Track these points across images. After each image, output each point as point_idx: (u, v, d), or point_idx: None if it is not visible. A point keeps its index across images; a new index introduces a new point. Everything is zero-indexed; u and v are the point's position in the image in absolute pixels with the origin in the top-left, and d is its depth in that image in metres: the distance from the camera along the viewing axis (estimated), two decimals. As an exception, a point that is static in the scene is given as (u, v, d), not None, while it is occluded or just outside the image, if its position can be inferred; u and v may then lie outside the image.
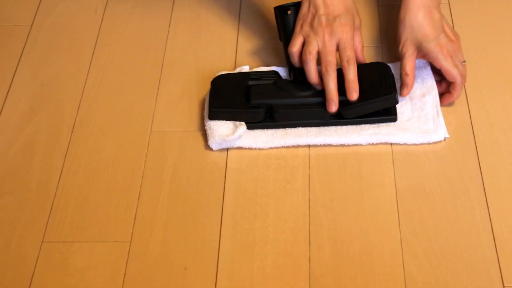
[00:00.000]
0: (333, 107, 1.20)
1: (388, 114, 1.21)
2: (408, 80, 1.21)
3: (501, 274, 1.06)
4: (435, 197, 1.14)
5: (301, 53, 1.23)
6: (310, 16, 1.23)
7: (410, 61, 1.22)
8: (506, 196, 1.14)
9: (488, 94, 1.27)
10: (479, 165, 1.17)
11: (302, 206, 1.14)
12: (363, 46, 1.27)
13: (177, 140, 1.24)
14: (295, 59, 1.24)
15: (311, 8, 1.24)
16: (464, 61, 1.23)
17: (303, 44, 1.23)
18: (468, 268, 1.07)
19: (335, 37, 1.21)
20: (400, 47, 1.23)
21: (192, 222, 1.14)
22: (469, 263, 1.07)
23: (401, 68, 1.22)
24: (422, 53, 1.22)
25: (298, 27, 1.24)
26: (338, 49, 1.22)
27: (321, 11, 1.22)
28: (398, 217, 1.12)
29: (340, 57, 1.22)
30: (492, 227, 1.10)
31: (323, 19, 1.22)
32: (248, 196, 1.16)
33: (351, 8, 1.25)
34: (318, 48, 1.21)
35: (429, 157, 1.19)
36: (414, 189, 1.15)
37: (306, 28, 1.23)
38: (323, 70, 1.20)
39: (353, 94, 1.20)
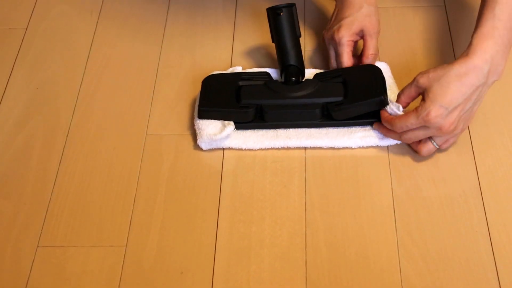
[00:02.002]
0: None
1: (378, 117, 1.21)
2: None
3: (498, 278, 1.06)
4: (432, 200, 1.14)
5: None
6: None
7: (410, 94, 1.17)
8: (503, 200, 1.14)
9: (484, 97, 1.26)
10: (476, 168, 1.17)
11: (299, 209, 1.14)
12: (375, 53, 1.28)
13: (173, 143, 1.23)
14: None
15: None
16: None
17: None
18: (465, 272, 1.06)
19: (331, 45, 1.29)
20: (418, 78, 1.14)
21: (188, 226, 1.13)
22: (466, 267, 1.07)
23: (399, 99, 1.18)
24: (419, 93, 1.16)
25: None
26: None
27: (331, 21, 1.31)
28: (395, 220, 1.12)
29: None
30: (489, 230, 1.10)
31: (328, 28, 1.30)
32: (244, 199, 1.16)
33: (358, 16, 1.27)
34: None
35: (426, 160, 1.18)
36: (411, 193, 1.15)
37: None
38: None
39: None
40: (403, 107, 1.17)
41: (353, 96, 1.20)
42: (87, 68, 1.36)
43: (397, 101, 1.18)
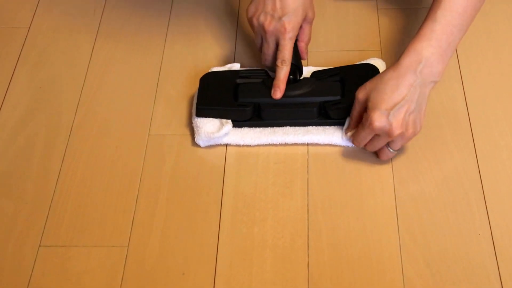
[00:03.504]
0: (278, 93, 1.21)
1: None
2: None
3: (500, 280, 1.06)
4: (434, 202, 1.14)
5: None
6: (259, 11, 1.23)
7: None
8: (506, 202, 1.14)
9: (487, 98, 1.26)
10: (479, 170, 1.17)
11: (301, 210, 1.14)
12: (309, 40, 1.27)
13: (175, 143, 1.23)
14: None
15: (261, 2, 1.22)
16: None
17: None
18: (467, 274, 1.06)
19: (275, 36, 1.22)
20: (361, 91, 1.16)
21: (190, 227, 1.13)
22: (469, 269, 1.07)
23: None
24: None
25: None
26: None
27: (268, 8, 1.21)
28: (397, 222, 1.12)
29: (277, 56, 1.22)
30: (491, 232, 1.10)
31: (268, 17, 1.22)
32: (246, 200, 1.16)
33: (302, 4, 1.22)
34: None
35: (428, 161, 1.18)
36: (413, 194, 1.15)
37: (255, 22, 1.23)
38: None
39: (277, 93, 1.21)
40: (355, 126, 1.18)
41: (350, 95, 1.20)
42: (90, 68, 1.36)
43: (350, 122, 1.19)
